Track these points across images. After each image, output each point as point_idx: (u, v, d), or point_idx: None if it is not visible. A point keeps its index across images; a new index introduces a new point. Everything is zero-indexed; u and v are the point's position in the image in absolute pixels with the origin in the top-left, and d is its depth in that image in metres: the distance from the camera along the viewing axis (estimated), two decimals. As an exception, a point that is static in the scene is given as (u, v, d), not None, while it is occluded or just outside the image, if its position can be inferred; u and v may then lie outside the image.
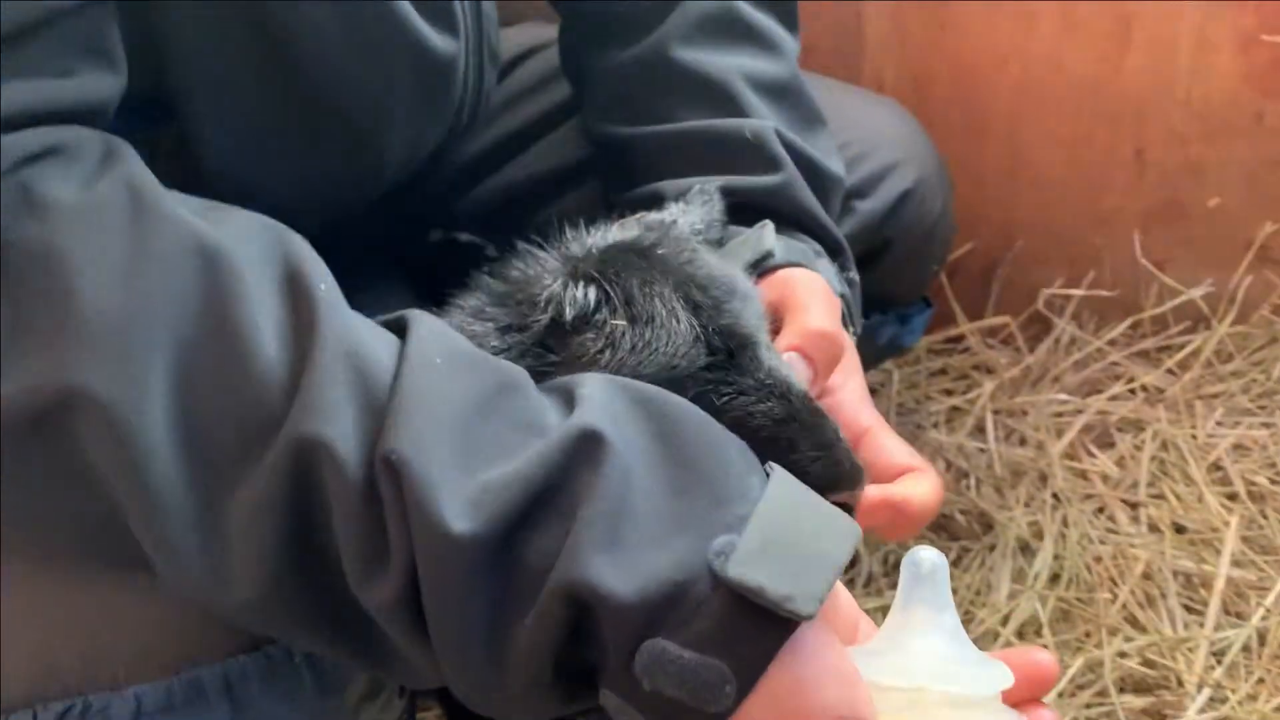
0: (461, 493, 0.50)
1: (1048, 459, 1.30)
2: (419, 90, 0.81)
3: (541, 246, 0.66)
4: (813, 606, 0.48)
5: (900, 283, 1.12)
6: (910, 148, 1.07)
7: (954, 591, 1.13)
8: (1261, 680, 1.03)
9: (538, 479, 0.51)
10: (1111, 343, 1.46)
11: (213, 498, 0.53)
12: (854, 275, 0.85)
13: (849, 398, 0.72)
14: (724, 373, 0.60)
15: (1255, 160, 1.40)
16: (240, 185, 0.66)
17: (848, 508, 0.61)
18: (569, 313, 0.60)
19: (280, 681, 0.65)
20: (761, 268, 0.74)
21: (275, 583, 0.53)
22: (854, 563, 1.18)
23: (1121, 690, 1.04)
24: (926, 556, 0.52)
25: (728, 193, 0.78)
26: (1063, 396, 1.39)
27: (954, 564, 1.19)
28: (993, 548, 1.19)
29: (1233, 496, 1.24)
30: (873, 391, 1.39)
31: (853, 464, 0.62)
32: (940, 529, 1.23)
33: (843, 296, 0.79)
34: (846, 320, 0.78)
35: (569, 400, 0.54)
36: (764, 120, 0.84)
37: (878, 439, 0.70)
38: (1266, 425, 1.33)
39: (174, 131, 0.72)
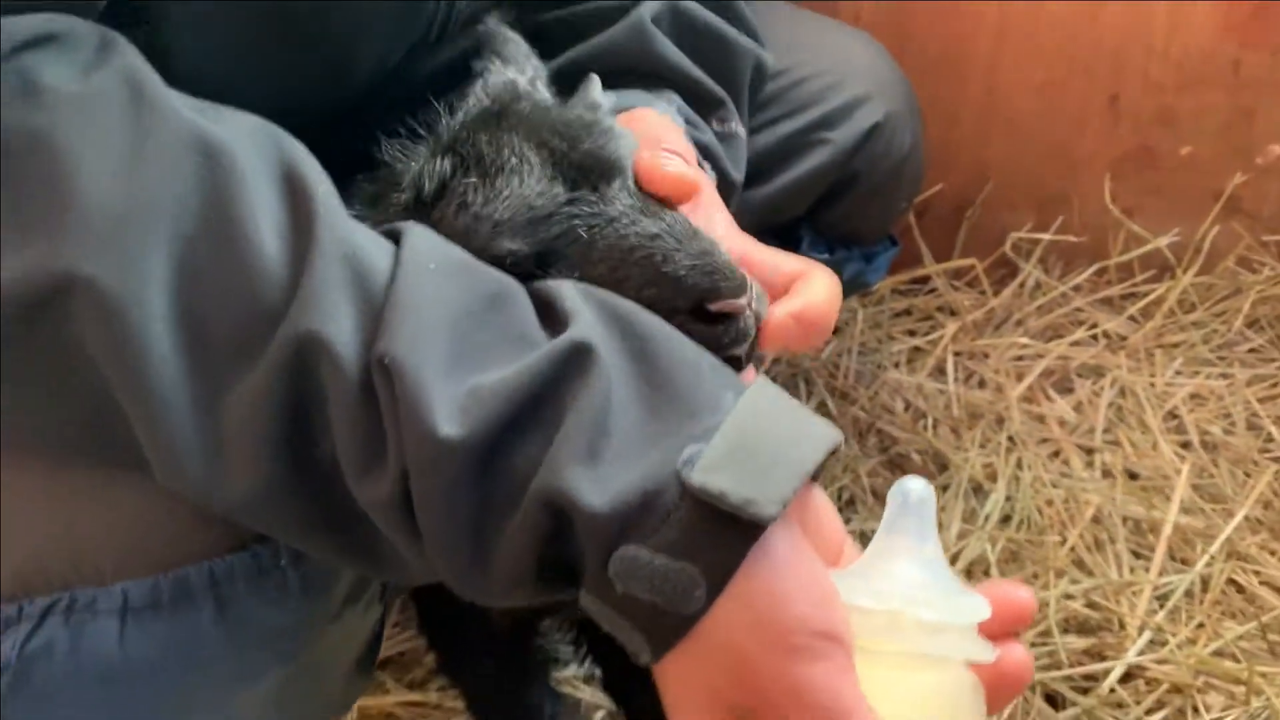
0: (452, 398, 0.51)
1: (1006, 402, 1.31)
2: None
3: (416, 137, 0.65)
4: (774, 509, 0.49)
5: (866, 219, 1.11)
6: (882, 81, 1.06)
7: (905, 529, 1.15)
8: (1201, 625, 1.05)
9: (526, 388, 0.52)
10: (1076, 288, 1.47)
11: (210, 390, 0.53)
12: (734, 128, 0.82)
13: (718, 231, 0.69)
14: (591, 205, 0.60)
15: (1229, 110, 1.40)
16: (208, 94, 0.65)
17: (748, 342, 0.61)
18: (428, 186, 0.60)
19: (266, 582, 0.66)
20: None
21: (271, 479, 0.54)
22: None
23: (1065, 631, 1.05)
24: (914, 487, 0.52)
25: (578, 58, 0.78)
26: (1024, 340, 1.40)
27: (907, 502, 1.20)
28: (946, 488, 1.20)
29: (1186, 445, 1.26)
30: (835, 331, 1.40)
31: (732, 268, 0.60)
32: (895, 467, 1.24)
33: (704, 144, 0.78)
34: (704, 166, 0.76)
35: (556, 313, 0.55)
36: None
37: (758, 255, 0.68)
38: (1224, 376, 1.35)
39: (142, 37, 0.70)
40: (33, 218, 0.52)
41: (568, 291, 0.56)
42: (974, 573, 1.11)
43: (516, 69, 0.72)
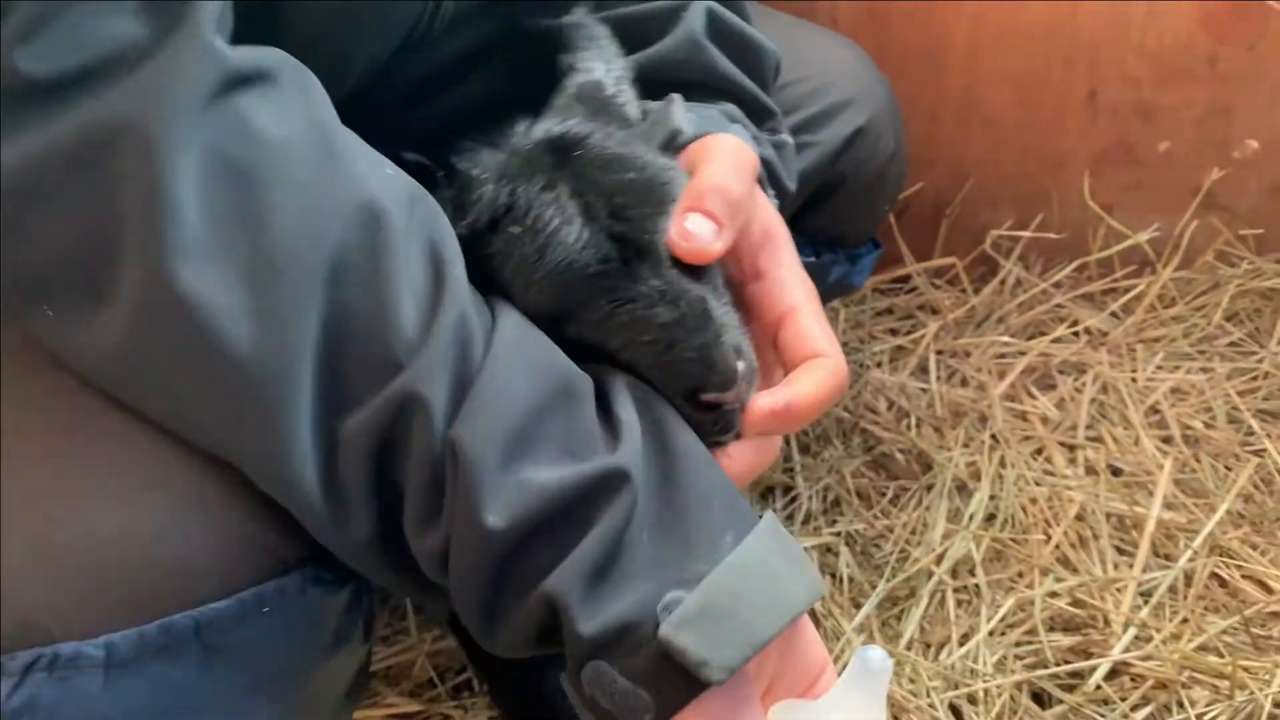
0: (502, 490, 0.59)
1: (988, 400, 1.31)
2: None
3: (493, 142, 0.70)
4: (723, 675, 0.57)
5: (851, 222, 1.12)
6: (864, 86, 1.07)
7: (890, 530, 1.16)
8: (1185, 620, 1.05)
9: (562, 498, 0.60)
10: (1057, 285, 1.48)
11: (332, 421, 0.61)
12: (784, 138, 0.85)
13: (780, 277, 0.72)
14: (617, 279, 0.63)
15: (1206, 106, 1.41)
16: None
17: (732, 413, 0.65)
18: (484, 219, 0.66)
19: (253, 627, 0.66)
20: (675, 145, 0.74)
21: (378, 524, 0.63)
22: (793, 499, 1.19)
23: (1050, 629, 1.05)
24: (875, 657, 0.59)
25: (638, 67, 0.78)
26: (1006, 338, 1.41)
27: (891, 502, 1.20)
28: (930, 487, 1.21)
29: (1168, 440, 1.26)
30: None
31: (727, 367, 0.64)
32: (880, 468, 1.24)
33: (765, 160, 0.79)
34: (765, 183, 0.77)
35: (612, 420, 0.63)
36: None
37: (796, 323, 0.71)
38: (1205, 370, 1.36)
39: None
40: (223, 236, 0.60)
41: (624, 398, 0.64)
42: (959, 572, 1.11)
43: (604, 66, 0.76)
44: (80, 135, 0.58)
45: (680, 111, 0.76)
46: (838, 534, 1.15)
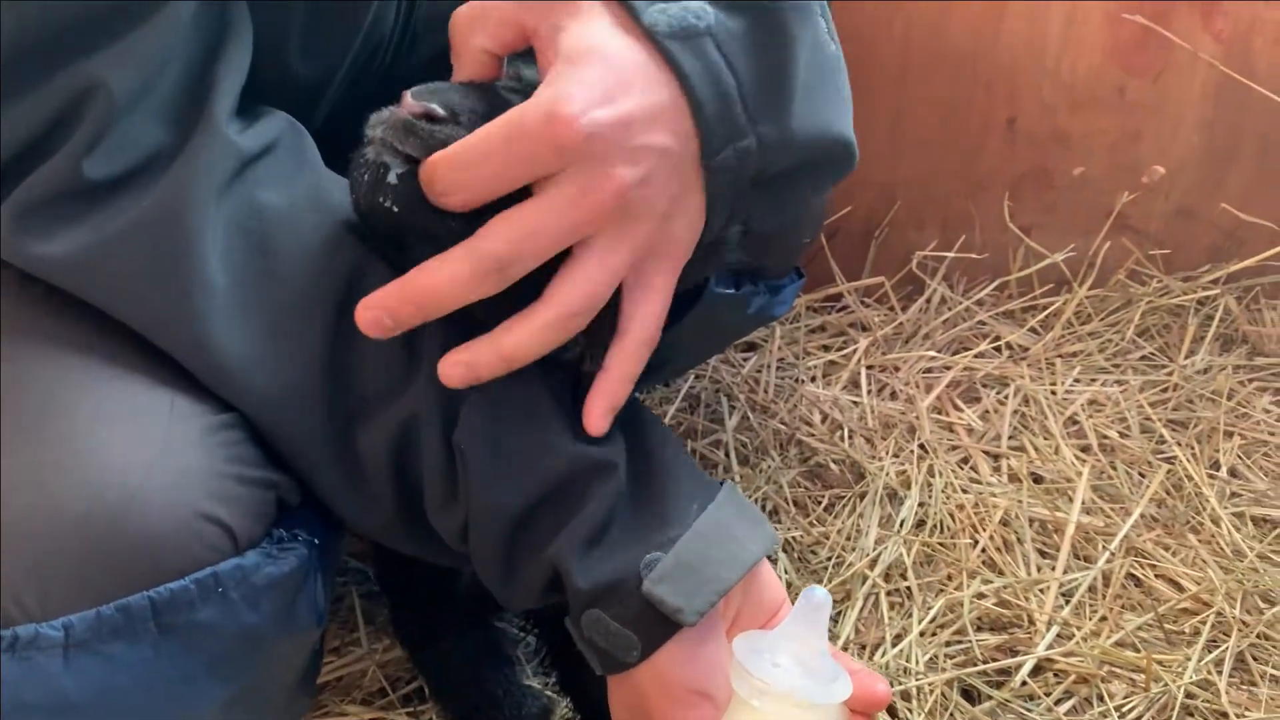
0: (507, 478, 0.71)
1: (917, 412, 1.36)
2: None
3: None
4: (695, 618, 0.69)
5: (772, 257, 1.13)
6: None
7: (826, 537, 1.19)
8: (1104, 618, 1.10)
9: (562, 476, 0.71)
10: (979, 303, 1.53)
11: (347, 432, 0.72)
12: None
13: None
14: None
15: (1117, 132, 1.47)
16: None
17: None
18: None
19: (207, 608, 0.68)
20: None
21: (400, 508, 0.74)
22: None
23: (978, 629, 1.09)
24: (817, 593, 0.68)
25: None
26: (932, 353, 1.46)
27: (826, 510, 1.24)
28: (863, 495, 1.24)
29: (1086, 449, 1.32)
30: (753, 348, 1.44)
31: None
32: (815, 477, 1.28)
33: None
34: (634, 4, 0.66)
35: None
36: None
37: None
38: (1119, 383, 1.42)
39: None
40: (247, 299, 0.70)
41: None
42: (891, 575, 1.15)
43: None
44: (127, 226, 0.67)
45: None
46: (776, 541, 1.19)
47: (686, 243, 0.71)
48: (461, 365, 0.70)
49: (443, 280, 0.65)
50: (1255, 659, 1.06)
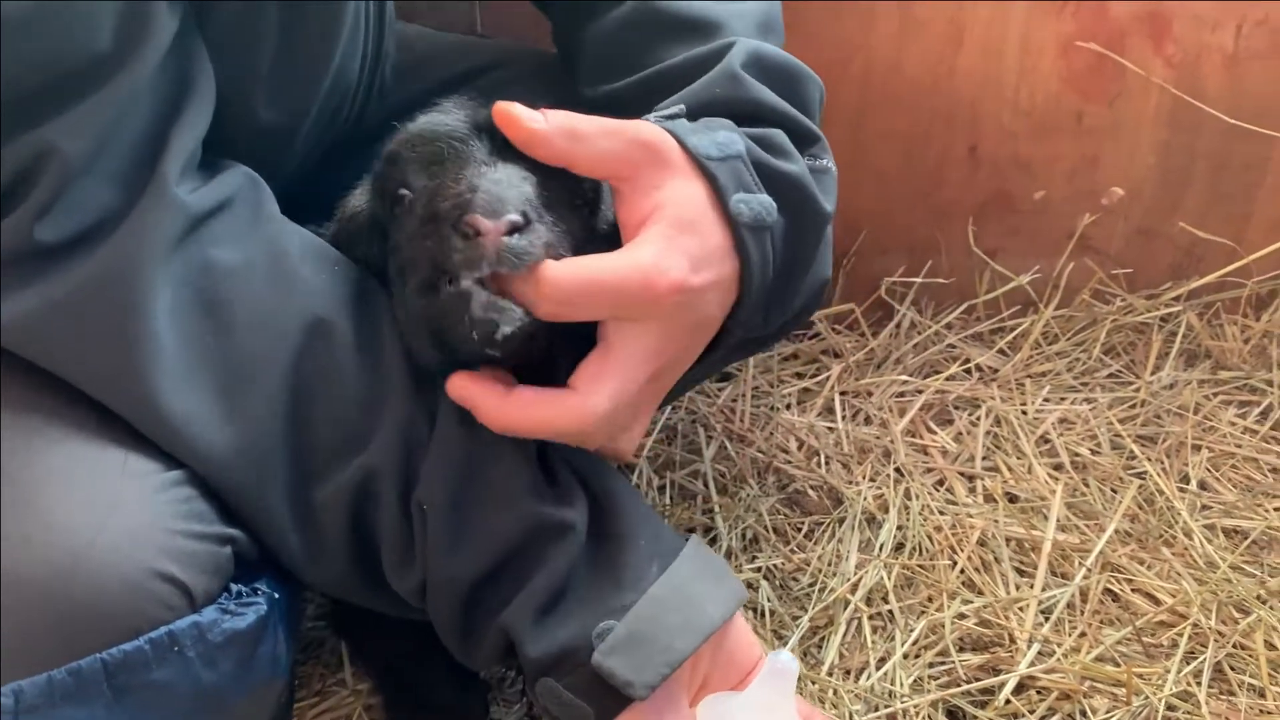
0: (465, 542, 0.72)
1: (891, 436, 1.37)
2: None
3: None
4: (645, 693, 0.69)
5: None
6: None
7: (807, 563, 1.20)
8: (1084, 634, 1.11)
9: (518, 542, 0.72)
10: (948, 326, 1.56)
11: (305, 493, 0.73)
12: (826, 164, 0.89)
13: (635, 240, 0.76)
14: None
15: (1076, 157, 1.50)
16: None
17: None
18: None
19: (163, 668, 0.67)
20: None
21: (349, 561, 0.74)
22: (713, 540, 1.23)
23: (960, 649, 1.10)
24: (783, 658, 0.70)
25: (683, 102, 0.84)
26: (904, 378, 1.47)
27: (806, 537, 1.25)
28: (842, 520, 1.25)
29: (1059, 467, 1.34)
30: (728, 377, 1.45)
31: (497, 198, 0.69)
32: (794, 504, 1.29)
33: (795, 176, 0.82)
34: (754, 185, 0.78)
35: (555, 480, 0.76)
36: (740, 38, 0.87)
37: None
38: (1088, 401, 1.44)
39: None
40: (201, 357, 0.71)
41: (560, 462, 0.76)
42: (873, 599, 1.16)
43: None
44: (75, 288, 0.68)
45: (671, 110, 0.82)
46: (758, 570, 1.19)
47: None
48: (465, 396, 0.73)
49: (549, 422, 0.73)
50: (1233, 669, 1.08)
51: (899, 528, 1.24)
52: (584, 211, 0.76)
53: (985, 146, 1.50)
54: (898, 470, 1.33)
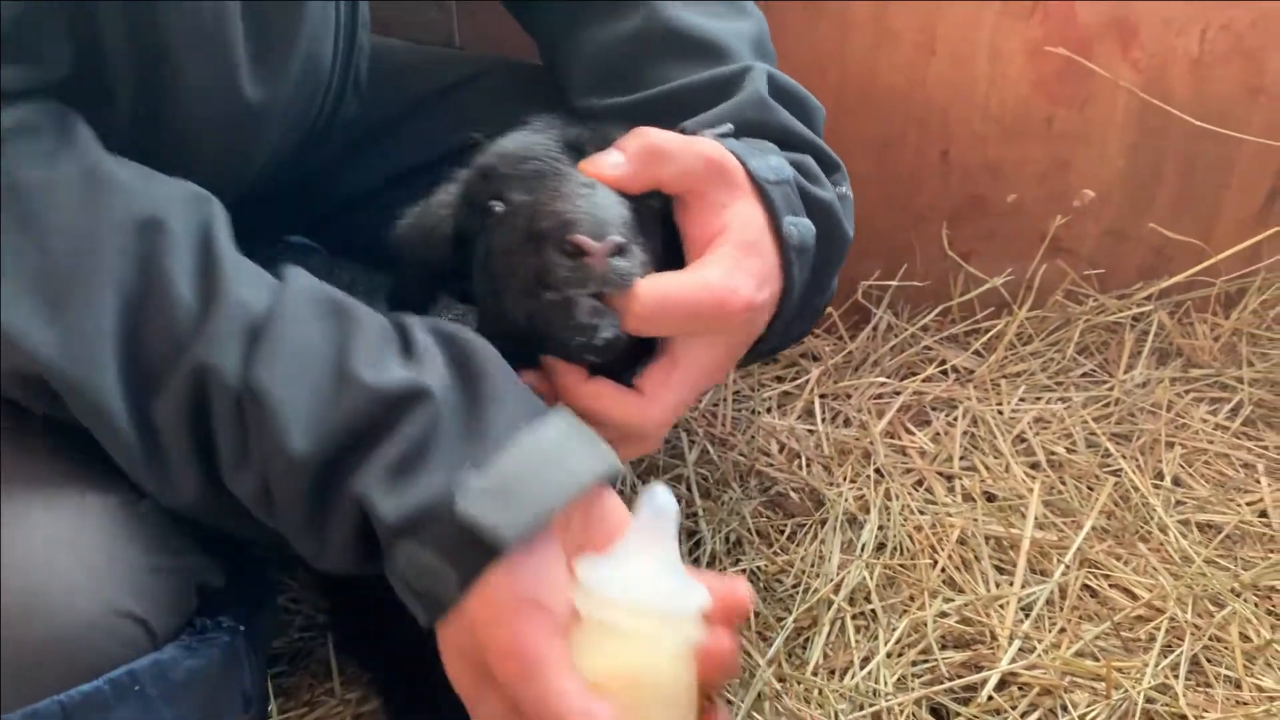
0: (304, 421, 0.66)
1: (870, 438, 1.39)
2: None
3: None
4: (512, 536, 0.63)
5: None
6: None
7: (790, 564, 1.21)
8: (1063, 630, 1.13)
9: (365, 417, 0.66)
10: (924, 329, 1.58)
11: (143, 406, 0.67)
12: (846, 190, 0.94)
13: (705, 259, 0.80)
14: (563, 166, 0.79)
15: (1047, 160, 1.53)
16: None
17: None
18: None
19: (125, 710, 0.66)
20: None
21: (200, 480, 0.69)
22: (697, 543, 1.24)
23: (943, 647, 1.12)
24: (660, 498, 0.64)
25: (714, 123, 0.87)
26: (882, 380, 1.49)
27: (789, 539, 1.26)
28: (824, 522, 1.27)
29: (1035, 466, 1.35)
30: (709, 381, 1.46)
31: (604, 220, 0.73)
32: (776, 506, 1.30)
33: (826, 202, 0.88)
34: (797, 208, 0.84)
35: (413, 349, 0.69)
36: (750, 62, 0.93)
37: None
38: (1063, 400, 1.46)
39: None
40: (15, 269, 0.67)
41: (422, 330, 0.71)
42: (856, 599, 1.17)
43: None
44: None
45: (722, 129, 0.85)
46: (742, 572, 1.20)
47: None
48: (549, 364, 0.76)
49: (614, 416, 0.76)
50: (1209, 661, 1.10)
51: (880, 528, 1.25)
52: (657, 225, 0.80)
53: (957, 151, 1.52)
54: (877, 471, 1.34)
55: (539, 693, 0.61)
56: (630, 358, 0.79)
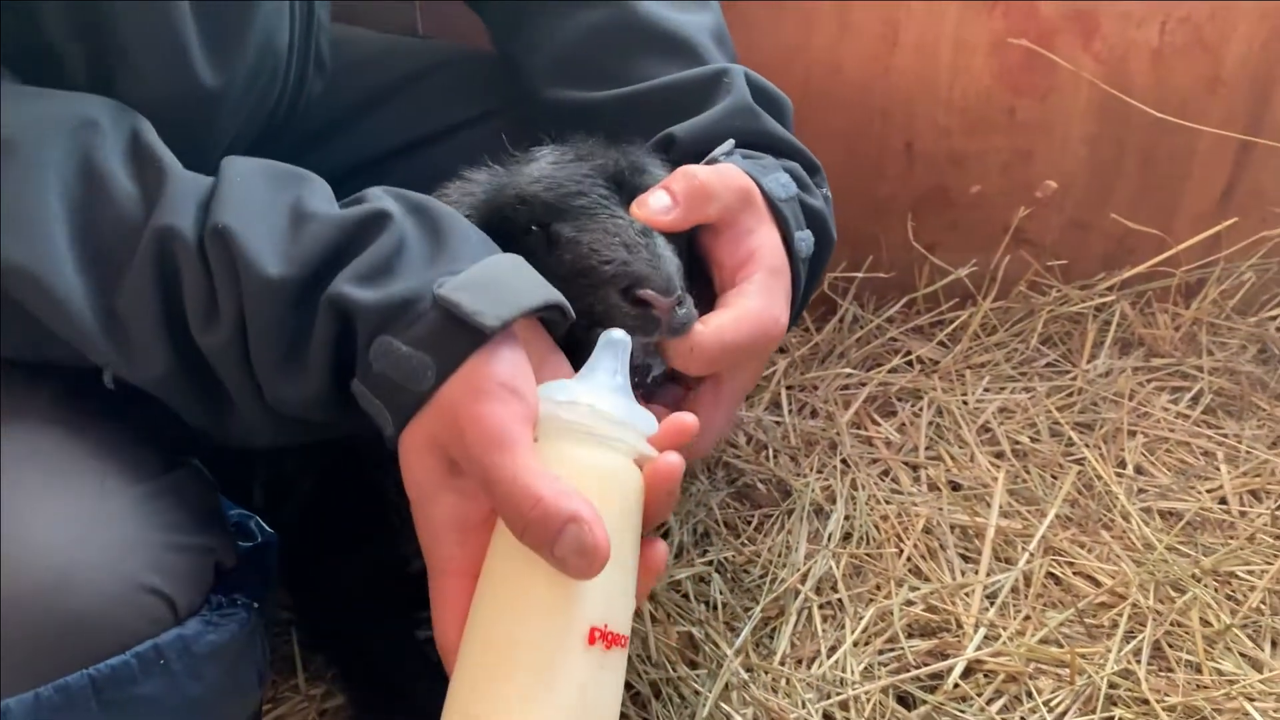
0: (272, 251, 0.68)
1: (837, 428, 1.39)
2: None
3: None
4: (495, 323, 0.65)
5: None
6: None
7: (758, 555, 1.21)
8: (1028, 617, 1.14)
9: (335, 237, 0.69)
10: (890, 320, 1.59)
11: (105, 289, 0.68)
12: (828, 192, 0.97)
13: (746, 289, 0.83)
14: (607, 198, 0.81)
15: (1009, 152, 1.54)
16: None
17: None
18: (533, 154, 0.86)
19: (148, 681, 0.66)
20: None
21: (166, 357, 0.69)
22: (666, 534, 1.24)
23: (909, 635, 1.12)
24: (615, 333, 0.70)
25: (696, 131, 0.90)
26: (848, 371, 1.50)
27: (756, 529, 1.26)
28: (791, 512, 1.27)
29: (999, 455, 1.37)
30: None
31: (669, 275, 0.77)
32: (743, 498, 1.30)
33: (816, 209, 0.91)
34: (794, 224, 0.88)
35: (362, 198, 0.72)
36: (723, 63, 0.95)
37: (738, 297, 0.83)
38: (1027, 390, 1.47)
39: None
40: None
41: (375, 191, 0.73)
42: (823, 589, 1.18)
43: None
44: None
45: (727, 147, 0.88)
46: (709, 563, 1.21)
47: None
48: None
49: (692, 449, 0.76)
50: (1170, 646, 1.11)
51: (846, 518, 1.26)
52: (684, 246, 0.85)
53: (921, 143, 1.53)
54: (844, 461, 1.35)
55: (512, 467, 0.63)
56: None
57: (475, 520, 0.67)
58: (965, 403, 1.44)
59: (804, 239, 0.88)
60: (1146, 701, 1.04)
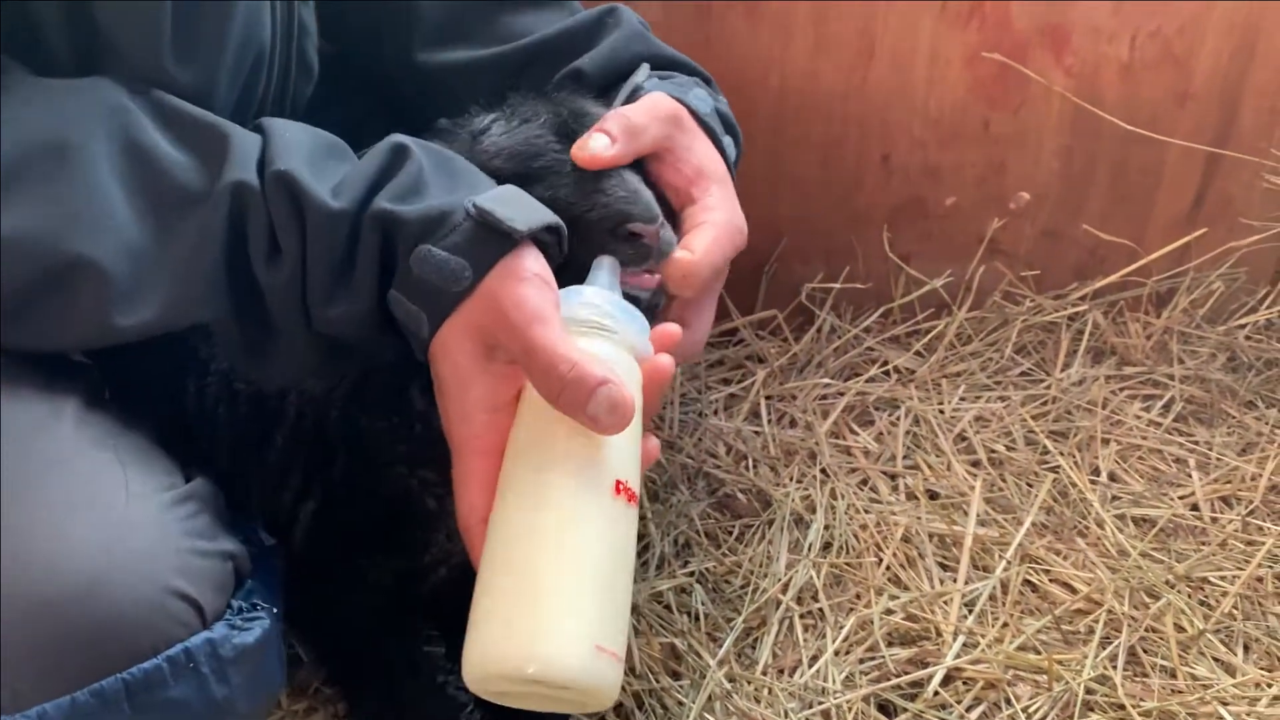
0: (328, 185, 0.76)
1: (815, 438, 1.41)
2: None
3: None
4: (525, 229, 0.74)
5: None
6: None
7: (739, 565, 1.22)
8: (1006, 625, 1.15)
9: (372, 170, 0.77)
10: (867, 330, 1.60)
11: (162, 230, 0.74)
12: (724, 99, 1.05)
13: (705, 203, 0.91)
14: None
15: (984, 164, 1.55)
16: None
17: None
18: (479, 124, 0.90)
19: (180, 685, 0.68)
20: (635, 98, 0.93)
21: (225, 298, 0.76)
22: (646, 546, 1.25)
23: (890, 644, 1.13)
24: (606, 258, 0.80)
25: (598, 62, 0.98)
26: (826, 380, 1.51)
27: (737, 539, 1.27)
28: (771, 522, 1.28)
29: (976, 464, 1.38)
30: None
31: (650, 205, 0.84)
32: (724, 508, 1.31)
33: (721, 112, 0.99)
34: (721, 131, 0.97)
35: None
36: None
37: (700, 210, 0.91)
38: (1002, 399, 1.49)
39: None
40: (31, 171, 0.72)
41: (389, 136, 0.80)
42: (804, 598, 1.19)
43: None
44: None
45: (643, 74, 0.95)
46: (691, 574, 1.21)
47: None
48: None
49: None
50: (1145, 651, 1.13)
51: (826, 527, 1.27)
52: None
53: (897, 155, 1.54)
54: (823, 471, 1.36)
55: (551, 337, 0.71)
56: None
57: (503, 402, 0.74)
58: (942, 412, 1.46)
59: (729, 145, 0.96)
60: (1123, 707, 1.06)
